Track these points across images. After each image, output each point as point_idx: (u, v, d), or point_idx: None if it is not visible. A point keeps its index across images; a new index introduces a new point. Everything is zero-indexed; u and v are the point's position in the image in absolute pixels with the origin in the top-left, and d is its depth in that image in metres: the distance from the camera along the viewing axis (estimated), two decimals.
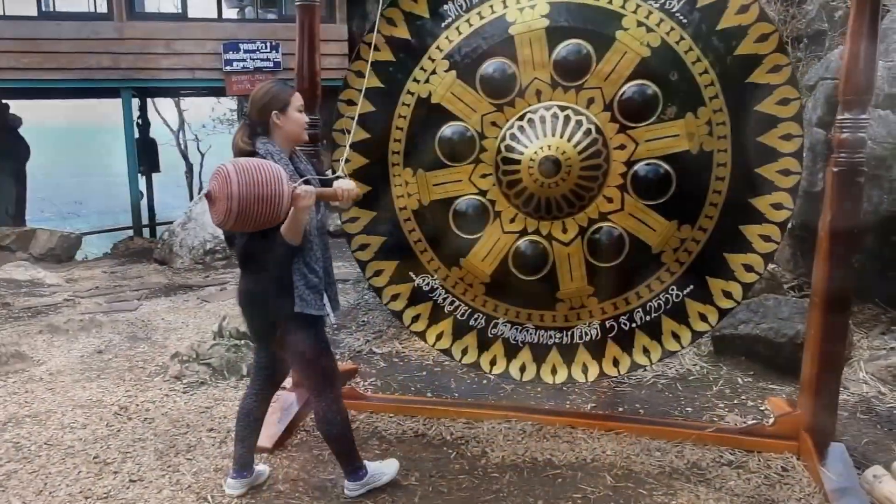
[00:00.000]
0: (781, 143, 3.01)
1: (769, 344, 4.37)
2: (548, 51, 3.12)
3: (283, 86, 2.75)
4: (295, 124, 2.71)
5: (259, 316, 2.78)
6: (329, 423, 2.83)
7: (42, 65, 10.18)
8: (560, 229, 3.25)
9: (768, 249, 3.14)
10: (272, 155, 2.62)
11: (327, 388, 2.81)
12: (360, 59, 3.36)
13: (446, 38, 3.28)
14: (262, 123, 2.68)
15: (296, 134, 2.73)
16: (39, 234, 10.78)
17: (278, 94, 2.68)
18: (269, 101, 2.66)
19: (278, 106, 2.67)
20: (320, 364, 2.80)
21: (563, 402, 3.94)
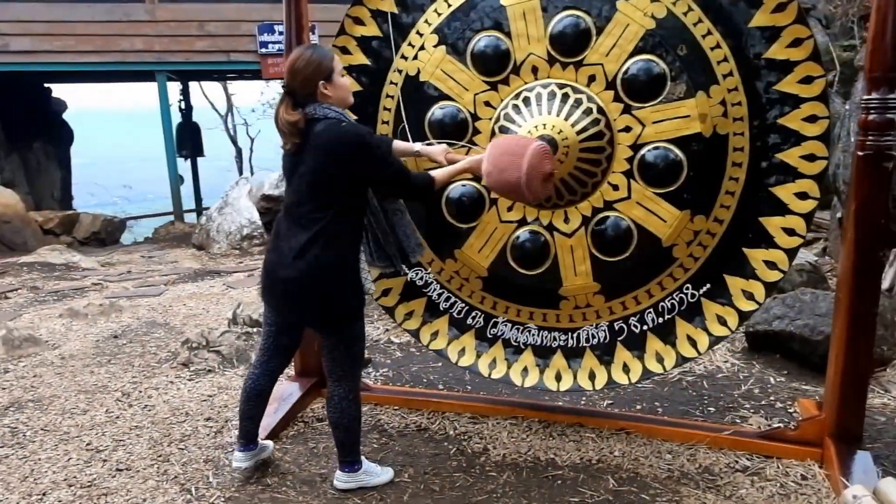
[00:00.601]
0: (805, 126, 2.74)
1: (805, 342, 4.09)
2: (543, 24, 2.90)
3: (322, 52, 2.61)
4: (343, 89, 2.65)
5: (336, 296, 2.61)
6: (341, 412, 2.75)
7: (76, 48, 10.26)
8: (562, 219, 3.04)
9: (793, 244, 2.87)
10: (343, 115, 2.58)
11: (350, 374, 2.74)
12: (345, 34, 3.19)
13: (435, 11, 3.07)
14: (308, 95, 2.56)
15: (345, 99, 2.67)
16: (83, 218, 11.02)
17: (322, 62, 2.57)
18: (314, 71, 2.55)
19: (324, 75, 2.56)
20: (354, 349, 2.72)
21: (578, 397, 3.75)
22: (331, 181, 2.54)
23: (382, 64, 3.21)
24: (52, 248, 8.28)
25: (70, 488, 2.87)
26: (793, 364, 4.15)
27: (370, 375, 4.06)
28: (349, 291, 2.63)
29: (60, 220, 10.88)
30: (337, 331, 2.67)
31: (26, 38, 10.53)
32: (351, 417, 2.75)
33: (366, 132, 2.63)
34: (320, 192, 2.56)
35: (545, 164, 2.67)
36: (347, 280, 2.62)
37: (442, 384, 3.96)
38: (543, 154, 2.67)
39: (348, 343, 2.69)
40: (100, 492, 2.84)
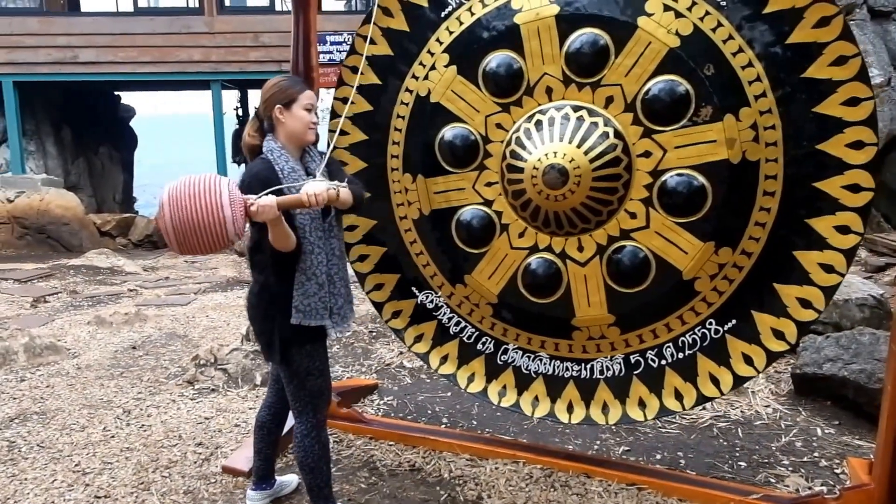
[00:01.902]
0: (849, 153, 2.41)
1: (860, 389, 3.66)
2: (559, 42, 2.67)
3: (295, 81, 2.55)
4: (299, 122, 2.49)
5: (259, 325, 2.55)
6: (305, 451, 2.55)
7: (137, 58, 10.65)
8: (575, 247, 2.79)
9: (831, 283, 2.54)
10: (272, 152, 2.45)
11: (308, 411, 2.55)
12: (355, 53, 3.03)
13: (446, 30, 2.88)
14: (268, 118, 2.49)
15: (298, 133, 2.50)
16: (138, 221, 11.23)
17: (286, 89, 2.48)
18: (273, 94, 2.47)
19: (283, 100, 2.47)
20: (307, 384, 2.52)
21: (592, 440, 3.46)
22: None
23: (393, 84, 3.03)
24: (100, 252, 8.42)
25: None
26: (846, 414, 3.73)
27: (373, 404, 3.86)
28: (277, 321, 2.44)
29: (117, 222, 11.13)
30: (281, 362, 2.51)
31: (92, 50, 10.98)
32: (316, 457, 2.55)
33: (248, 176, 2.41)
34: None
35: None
36: (276, 309, 2.43)
37: (447, 417, 3.72)
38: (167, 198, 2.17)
39: (300, 377, 2.51)
40: None
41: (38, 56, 11.14)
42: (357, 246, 3.20)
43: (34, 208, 10.44)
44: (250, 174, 2.44)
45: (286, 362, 2.49)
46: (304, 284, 2.43)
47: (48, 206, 10.48)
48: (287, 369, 2.52)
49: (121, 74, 11.22)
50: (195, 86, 13.25)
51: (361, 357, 4.62)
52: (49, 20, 11.19)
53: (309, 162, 2.57)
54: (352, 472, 3.10)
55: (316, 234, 2.46)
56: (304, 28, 3.10)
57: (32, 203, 10.46)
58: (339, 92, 3.11)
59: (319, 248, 2.47)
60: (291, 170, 2.45)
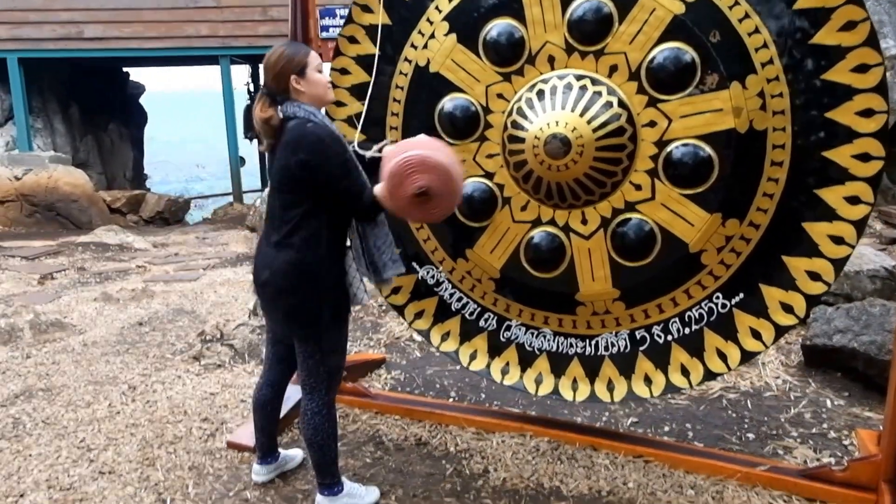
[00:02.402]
0: (858, 121, 2.35)
1: (870, 361, 3.61)
2: (561, 9, 2.60)
3: (297, 47, 2.50)
4: (317, 86, 2.45)
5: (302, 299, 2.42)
6: (315, 429, 2.53)
7: (143, 34, 10.56)
8: (579, 220, 2.75)
9: (840, 255, 2.49)
10: (314, 115, 2.40)
11: (322, 388, 2.53)
12: (353, 22, 2.97)
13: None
14: (282, 91, 2.42)
15: (320, 96, 2.47)
16: (149, 198, 11.24)
17: (294, 56, 2.42)
18: (284, 66, 2.40)
19: (296, 69, 2.41)
20: (329, 360, 2.51)
21: (601, 412, 3.44)
22: (295, 182, 2.37)
23: (392, 53, 2.97)
24: (108, 229, 8.43)
25: (49, 490, 2.78)
26: (856, 386, 3.69)
27: (381, 378, 3.85)
28: (323, 297, 2.42)
29: (127, 199, 11.14)
30: (309, 339, 2.47)
31: (98, 26, 10.90)
32: (325, 435, 2.53)
33: (326, 135, 2.37)
34: (288, 193, 2.41)
35: (420, 177, 2.25)
36: (321, 285, 2.41)
37: (455, 391, 3.71)
38: (429, 165, 2.26)
39: (323, 354, 2.48)
40: (76, 496, 2.73)
41: (43, 32, 11.08)
42: None
43: (42, 186, 10.45)
44: (327, 136, 2.36)
45: (317, 338, 2.46)
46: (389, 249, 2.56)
47: (56, 183, 10.49)
48: (315, 345, 2.47)
49: (127, 50, 11.16)
50: (203, 61, 13.17)
51: (370, 331, 4.61)
52: None
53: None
54: (357, 446, 3.10)
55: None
56: (303, 0, 3.03)
57: (40, 180, 10.47)
58: (335, 63, 3.05)
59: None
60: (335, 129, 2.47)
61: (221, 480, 2.84)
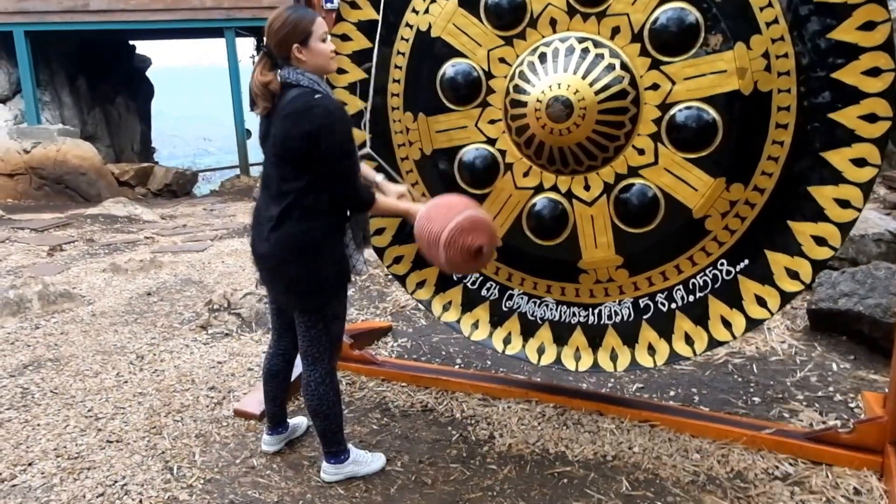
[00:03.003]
0: (865, 81, 2.30)
1: (875, 324, 3.61)
2: None
3: (303, 13, 2.40)
4: (320, 56, 2.40)
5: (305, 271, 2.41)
6: (319, 399, 2.56)
7: (149, 6, 10.48)
8: (582, 186, 2.72)
9: (847, 218, 2.44)
10: (318, 84, 2.37)
11: (325, 357, 2.55)
12: None
13: None
14: (284, 57, 2.37)
15: (322, 66, 2.42)
16: (157, 171, 11.24)
17: (298, 24, 2.35)
18: (288, 33, 2.35)
19: (299, 38, 2.35)
20: (332, 328, 2.52)
21: (606, 378, 3.45)
22: (296, 153, 2.33)
23: (393, 19, 2.92)
24: (117, 201, 8.45)
25: (57, 459, 2.82)
26: (861, 349, 3.69)
27: (387, 346, 3.87)
28: (325, 268, 2.42)
29: (136, 172, 11.15)
30: (312, 309, 2.47)
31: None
32: (330, 403, 2.55)
33: (335, 109, 2.35)
34: (288, 163, 2.37)
35: (475, 236, 2.41)
36: (323, 255, 2.40)
37: (460, 358, 3.72)
38: (479, 224, 2.44)
39: (326, 323, 2.49)
40: (84, 465, 2.77)
41: (49, 4, 11.02)
42: None
43: (51, 159, 10.47)
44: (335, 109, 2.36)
45: (320, 308, 2.46)
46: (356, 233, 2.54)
47: (65, 156, 10.51)
48: (317, 315, 2.48)
49: (132, 23, 11.10)
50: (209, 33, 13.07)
51: (377, 300, 4.62)
52: None
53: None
54: (364, 413, 3.13)
55: None
56: None
57: (49, 153, 10.49)
58: (336, 28, 3.01)
59: None
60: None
61: (228, 448, 2.87)
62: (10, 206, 9.70)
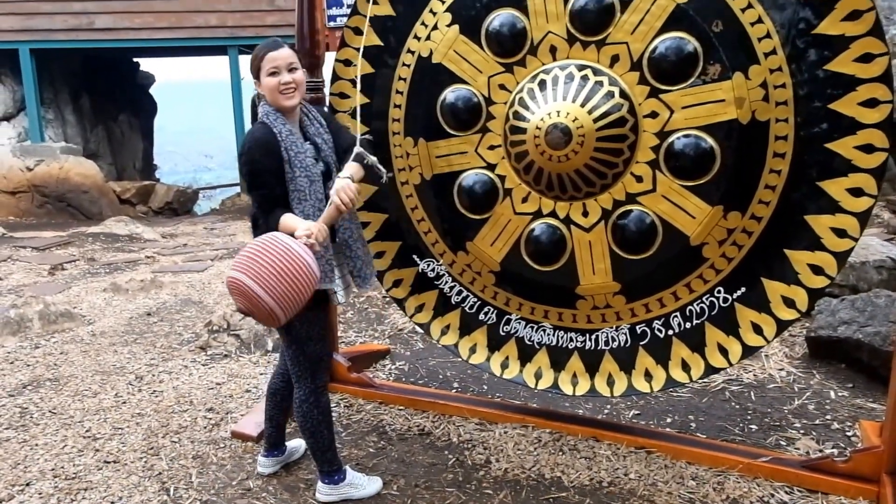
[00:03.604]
0: (862, 112, 2.33)
1: (874, 352, 3.60)
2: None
3: (259, 49, 2.49)
4: (268, 90, 2.45)
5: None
6: (304, 416, 2.59)
7: (153, 24, 10.59)
8: (580, 212, 2.74)
9: (843, 248, 2.46)
10: (268, 115, 2.44)
11: (307, 377, 2.57)
12: (358, 13, 2.97)
13: None
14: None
15: (271, 100, 2.46)
16: (158, 189, 11.28)
17: (253, 59, 2.49)
18: (250, 66, 2.51)
19: (254, 72, 2.49)
20: (306, 349, 2.54)
21: (603, 404, 3.45)
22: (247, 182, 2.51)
23: (395, 45, 2.97)
24: (118, 219, 8.48)
25: (54, 479, 2.82)
26: (860, 377, 3.68)
27: (385, 368, 3.87)
28: None
29: (137, 190, 11.19)
30: (281, 329, 2.52)
31: (108, 16, 10.96)
32: (315, 422, 2.57)
33: (254, 140, 2.41)
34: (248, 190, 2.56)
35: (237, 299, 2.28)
36: None
37: (457, 382, 3.72)
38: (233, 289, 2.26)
39: (299, 343, 2.52)
40: (81, 485, 2.77)
41: (55, 23, 11.12)
42: (358, 212, 3.16)
43: (53, 176, 10.52)
44: (251, 138, 2.45)
45: (285, 328, 2.50)
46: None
47: (67, 174, 10.55)
48: (286, 335, 2.54)
49: (137, 41, 11.22)
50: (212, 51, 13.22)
51: (375, 322, 4.63)
52: None
53: (308, 125, 2.56)
54: (361, 436, 3.12)
55: (314, 198, 2.46)
56: None
57: (52, 171, 10.54)
58: (340, 54, 3.06)
59: (319, 212, 2.45)
60: (289, 132, 2.44)
61: (224, 470, 2.87)
62: (11, 223, 9.73)
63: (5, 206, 10.47)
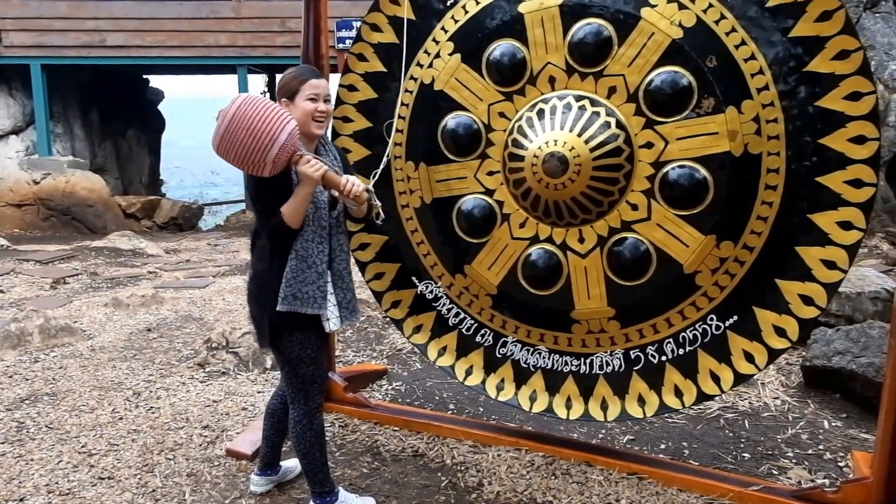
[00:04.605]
0: (851, 148, 2.38)
1: (868, 383, 3.62)
2: (562, 31, 2.66)
3: (301, 72, 2.55)
4: (300, 112, 2.48)
5: (252, 310, 2.61)
6: (297, 437, 2.60)
7: (165, 42, 10.73)
8: (576, 238, 2.78)
9: (833, 279, 2.51)
10: None
11: (301, 398, 2.59)
12: (362, 40, 3.03)
13: (452, 18, 2.89)
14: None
15: (301, 123, 2.46)
16: (163, 204, 11.36)
17: (289, 81, 2.52)
18: (280, 88, 2.53)
19: (287, 94, 2.51)
20: (299, 371, 2.56)
21: (597, 429, 3.47)
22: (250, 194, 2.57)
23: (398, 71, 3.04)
24: (122, 234, 8.54)
25: (48, 495, 2.83)
26: (854, 407, 3.70)
27: (382, 389, 3.89)
28: (271, 307, 2.47)
29: (142, 204, 11.27)
30: (273, 350, 2.57)
31: (120, 34, 11.13)
32: (308, 444, 2.59)
33: None
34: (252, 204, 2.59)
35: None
36: (267, 295, 2.47)
37: (454, 403, 3.75)
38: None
39: (291, 364, 2.55)
40: (75, 501, 2.79)
41: (67, 39, 11.28)
42: (359, 234, 3.22)
43: (59, 190, 10.61)
44: None
45: (277, 349, 2.54)
46: (304, 272, 2.46)
47: (73, 187, 10.64)
48: (279, 356, 2.57)
49: (148, 58, 11.39)
50: (222, 70, 13.40)
51: (374, 342, 4.66)
52: (78, 4, 11.31)
53: (323, 155, 2.58)
54: (355, 456, 3.14)
55: (317, 224, 2.50)
56: (315, 16, 3.12)
57: (58, 185, 10.63)
58: (343, 79, 3.12)
59: (321, 238, 2.51)
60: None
61: (218, 488, 2.89)
62: (16, 236, 9.80)
63: (10, 219, 10.55)
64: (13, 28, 11.21)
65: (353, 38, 10.22)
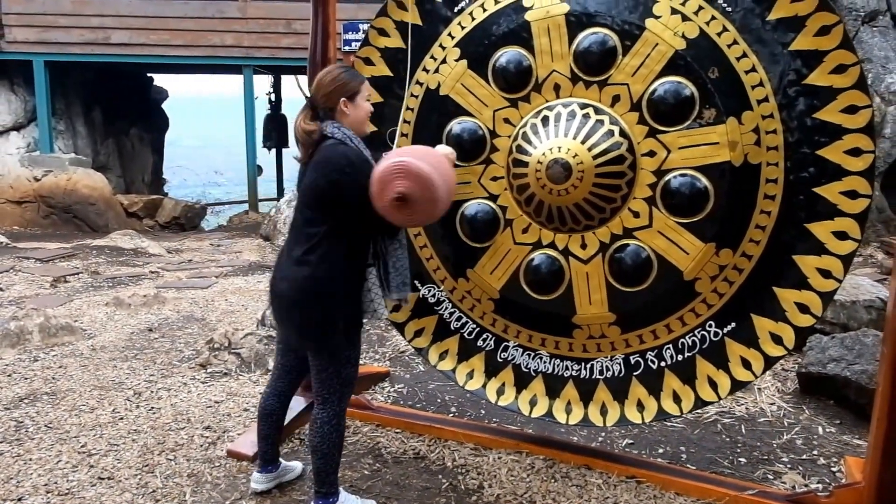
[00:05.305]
0: (847, 159, 2.44)
1: (861, 390, 3.67)
2: (568, 40, 2.71)
3: (353, 73, 2.63)
4: (362, 112, 2.59)
5: (317, 312, 2.50)
6: (322, 437, 2.60)
7: (169, 41, 10.76)
8: (578, 244, 2.83)
9: (829, 288, 2.56)
10: (350, 139, 2.52)
11: (335, 399, 2.60)
12: (369, 45, 3.07)
13: (459, 25, 2.94)
14: (328, 109, 2.55)
15: (360, 123, 2.60)
16: (166, 203, 11.37)
17: (349, 82, 2.57)
18: (337, 88, 2.54)
19: (348, 94, 2.55)
20: (343, 372, 2.59)
21: (597, 432, 3.50)
22: (321, 201, 2.49)
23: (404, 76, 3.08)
24: (124, 233, 8.55)
25: (47, 495, 2.84)
26: (848, 414, 3.75)
27: (384, 391, 3.93)
28: (336, 313, 2.50)
29: (144, 204, 11.28)
30: (323, 352, 2.55)
31: (125, 32, 11.14)
32: (332, 444, 2.60)
33: (356, 157, 2.48)
34: (314, 208, 2.52)
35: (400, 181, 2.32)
36: (334, 301, 2.50)
37: (455, 406, 3.78)
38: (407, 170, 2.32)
39: (337, 366, 2.56)
40: (74, 501, 2.79)
41: (71, 36, 11.29)
42: None
43: (61, 187, 10.61)
44: (357, 158, 2.47)
45: (327, 351, 2.54)
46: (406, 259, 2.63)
47: (75, 185, 10.65)
48: (326, 358, 2.55)
49: (152, 57, 11.39)
50: (227, 70, 13.42)
51: (377, 344, 4.69)
52: (83, 1, 11.31)
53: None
54: (356, 458, 3.17)
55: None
56: (324, 20, 3.17)
57: (59, 182, 10.64)
58: None
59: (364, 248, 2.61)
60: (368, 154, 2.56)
61: (219, 489, 2.91)
62: (15, 233, 9.80)
63: (10, 216, 10.56)
64: (16, 23, 11.21)
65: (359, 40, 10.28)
